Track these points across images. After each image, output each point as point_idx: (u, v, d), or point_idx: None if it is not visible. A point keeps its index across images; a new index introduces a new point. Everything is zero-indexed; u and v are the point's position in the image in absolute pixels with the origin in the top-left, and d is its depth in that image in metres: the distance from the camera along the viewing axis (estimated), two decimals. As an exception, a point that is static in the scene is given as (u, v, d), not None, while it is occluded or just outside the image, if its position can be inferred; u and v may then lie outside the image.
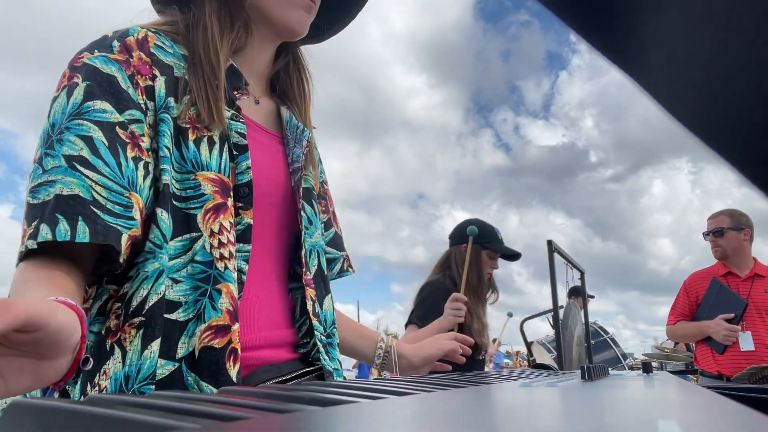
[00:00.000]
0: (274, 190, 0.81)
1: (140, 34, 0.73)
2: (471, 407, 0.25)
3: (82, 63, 0.67)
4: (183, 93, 0.72)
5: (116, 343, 0.63)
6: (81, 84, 0.65)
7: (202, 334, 0.65)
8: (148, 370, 0.62)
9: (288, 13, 0.81)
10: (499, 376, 0.68)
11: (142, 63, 0.70)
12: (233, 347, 0.66)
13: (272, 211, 0.81)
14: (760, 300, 2.70)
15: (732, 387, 0.59)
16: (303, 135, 0.86)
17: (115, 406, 0.23)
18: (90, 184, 0.61)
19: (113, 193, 0.63)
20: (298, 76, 0.92)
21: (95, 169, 0.62)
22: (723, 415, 0.24)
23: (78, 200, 0.60)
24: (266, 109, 0.88)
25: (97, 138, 0.63)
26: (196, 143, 0.71)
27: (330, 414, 0.21)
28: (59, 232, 0.58)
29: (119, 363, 0.62)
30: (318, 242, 0.89)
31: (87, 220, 0.60)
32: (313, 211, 0.88)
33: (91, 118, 0.64)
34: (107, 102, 0.66)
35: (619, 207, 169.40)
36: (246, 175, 0.74)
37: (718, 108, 0.18)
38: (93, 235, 0.59)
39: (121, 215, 0.63)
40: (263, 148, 0.81)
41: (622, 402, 0.31)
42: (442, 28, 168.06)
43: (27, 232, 0.60)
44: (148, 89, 0.70)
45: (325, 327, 0.85)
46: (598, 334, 4.51)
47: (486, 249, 2.27)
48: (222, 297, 0.67)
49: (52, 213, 0.59)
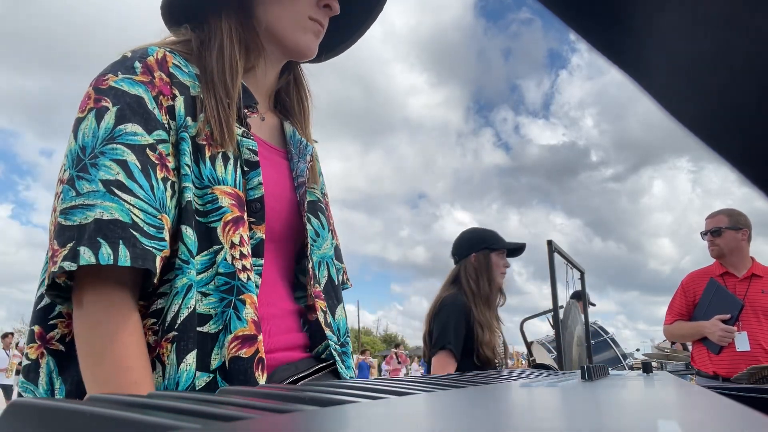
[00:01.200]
0: (281, 204, 0.83)
1: (159, 54, 0.74)
2: (471, 407, 0.25)
3: (108, 86, 0.69)
4: (199, 111, 0.74)
5: (156, 358, 0.65)
6: (112, 108, 0.67)
7: (230, 345, 0.66)
8: (187, 382, 0.64)
9: (298, 36, 0.82)
10: (499, 376, 0.68)
11: (164, 83, 0.72)
12: (260, 357, 0.68)
13: (280, 226, 0.83)
14: (756, 300, 2.70)
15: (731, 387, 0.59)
16: (306, 150, 0.89)
17: (115, 406, 0.23)
18: (128, 207, 0.63)
19: (149, 216, 0.65)
20: (298, 94, 0.95)
21: (132, 193, 0.64)
22: (723, 415, 0.24)
23: (119, 224, 0.62)
24: (271, 125, 0.90)
25: (131, 162, 0.65)
26: (212, 160, 0.72)
27: (330, 414, 0.21)
28: (102, 256, 0.60)
29: (160, 377, 0.64)
30: (327, 253, 0.91)
31: (127, 243, 0.62)
32: (320, 223, 0.90)
33: (124, 142, 0.66)
34: (138, 125, 0.67)
35: (619, 207, 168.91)
36: (258, 191, 0.76)
37: (717, 108, 0.18)
38: (133, 259, 0.62)
39: (154, 237, 0.65)
40: (271, 164, 0.84)
41: (622, 402, 0.31)
42: (442, 26, 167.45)
43: (60, 252, 0.61)
44: (170, 109, 0.71)
45: (339, 336, 0.87)
46: (598, 334, 4.51)
47: (494, 251, 2.26)
48: (246, 307, 0.68)
49: (94, 237, 0.61)
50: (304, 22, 0.81)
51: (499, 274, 2.26)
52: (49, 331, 0.68)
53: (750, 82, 0.17)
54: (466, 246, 2.30)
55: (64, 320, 0.69)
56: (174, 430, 0.19)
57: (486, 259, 2.24)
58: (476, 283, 2.20)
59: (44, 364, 0.67)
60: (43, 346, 0.68)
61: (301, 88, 0.95)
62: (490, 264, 2.23)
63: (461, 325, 2.12)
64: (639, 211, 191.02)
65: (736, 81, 0.17)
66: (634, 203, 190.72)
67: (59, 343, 0.68)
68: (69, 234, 0.62)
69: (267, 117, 0.89)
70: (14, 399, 0.26)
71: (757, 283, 2.73)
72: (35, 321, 0.69)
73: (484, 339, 2.10)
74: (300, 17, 0.81)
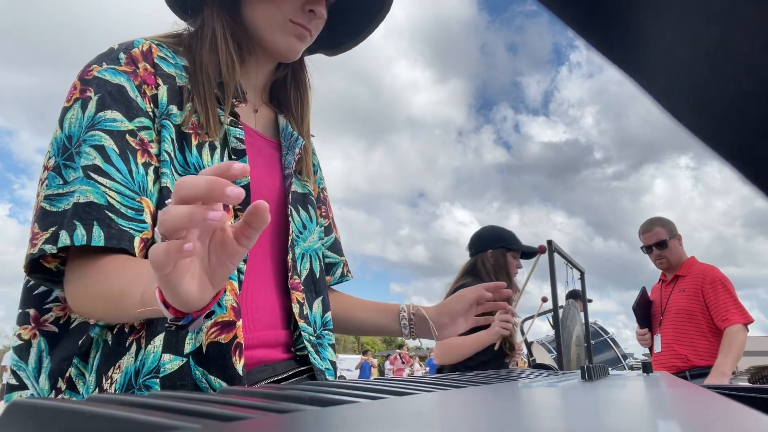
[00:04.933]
0: (269, 194, 0.84)
1: (144, 46, 0.76)
2: (471, 407, 0.25)
3: (92, 76, 0.71)
4: (186, 101, 0.75)
5: (136, 340, 0.66)
6: (93, 97, 0.69)
7: (208, 330, 0.67)
8: (152, 364, 0.64)
9: (277, 37, 0.82)
10: (499, 376, 0.68)
11: (148, 73, 0.74)
12: (238, 342, 0.68)
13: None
14: (674, 301, 2.73)
15: (732, 387, 0.59)
16: (296, 143, 0.89)
17: (115, 406, 0.23)
18: (104, 190, 0.65)
19: (126, 198, 0.66)
20: (296, 88, 0.95)
21: (108, 176, 0.66)
22: (723, 415, 0.24)
23: (93, 206, 0.64)
24: (265, 117, 0.91)
25: (109, 146, 0.67)
26: (198, 148, 0.74)
27: (330, 414, 0.21)
28: (76, 237, 0.62)
29: (132, 358, 0.65)
30: (312, 246, 0.91)
31: (101, 224, 0.64)
32: (308, 216, 0.91)
33: (103, 128, 0.68)
34: (117, 111, 0.69)
35: (620, 205, 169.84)
36: (243, 179, 0.76)
37: (717, 107, 0.18)
38: (107, 239, 0.63)
39: (133, 218, 0.66)
40: (260, 154, 0.84)
41: (622, 402, 0.31)
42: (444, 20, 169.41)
43: (41, 235, 0.64)
44: (153, 98, 0.73)
45: (315, 328, 0.87)
46: (598, 334, 4.50)
47: (510, 251, 2.35)
48: (226, 294, 0.69)
49: (71, 220, 0.63)
50: (284, 25, 0.81)
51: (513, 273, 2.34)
52: (43, 314, 0.71)
53: (749, 82, 0.17)
54: (485, 242, 2.39)
55: (59, 304, 0.72)
56: (174, 430, 0.19)
57: (502, 257, 2.33)
58: (496, 276, 2.28)
59: (36, 344, 0.70)
60: (36, 328, 0.71)
61: (300, 83, 0.95)
62: (506, 262, 2.32)
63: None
64: (641, 209, 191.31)
65: (736, 80, 0.17)
66: (636, 202, 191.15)
67: (53, 324, 0.71)
68: (52, 219, 0.64)
69: (261, 110, 0.90)
70: (14, 399, 0.26)
71: (680, 282, 2.75)
72: (30, 304, 0.72)
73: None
74: (280, 20, 0.81)
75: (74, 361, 0.67)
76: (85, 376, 0.67)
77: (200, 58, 0.78)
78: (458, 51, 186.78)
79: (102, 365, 0.66)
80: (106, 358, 0.66)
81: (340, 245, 1.05)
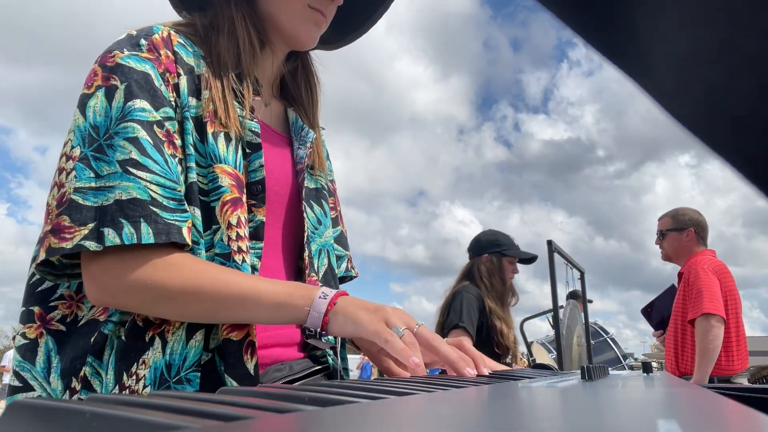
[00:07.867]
0: (283, 189, 0.83)
1: (164, 32, 0.75)
2: (471, 407, 0.25)
3: (115, 63, 0.69)
4: (203, 90, 0.74)
5: (158, 335, 0.65)
6: (120, 87, 0.67)
7: (223, 327, 0.67)
8: (194, 358, 0.65)
9: (297, 26, 0.82)
10: (499, 376, 0.68)
11: (169, 61, 0.73)
12: (251, 340, 0.68)
13: (281, 211, 0.83)
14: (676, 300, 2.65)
15: (732, 387, 0.59)
16: (307, 137, 0.89)
17: (115, 406, 0.23)
18: (145, 185, 0.64)
19: (167, 189, 0.66)
20: (306, 81, 0.95)
21: (147, 169, 0.65)
22: (723, 415, 0.24)
23: (137, 203, 0.63)
24: (275, 110, 0.90)
25: (143, 138, 0.66)
26: (214, 137, 0.73)
27: (330, 414, 0.21)
28: (125, 236, 0.62)
29: (159, 353, 0.64)
30: (328, 242, 0.91)
31: (148, 220, 0.63)
32: (323, 211, 0.90)
33: (134, 118, 0.66)
34: (145, 101, 0.68)
35: (621, 204, 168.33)
36: (259, 173, 0.76)
37: (717, 107, 0.18)
38: (156, 235, 0.63)
39: (176, 209, 0.66)
40: (274, 148, 0.84)
41: (622, 402, 0.31)
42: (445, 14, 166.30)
43: (77, 230, 0.62)
44: (175, 87, 0.72)
45: None
46: (598, 334, 4.50)
47: (506, 256, 2.39)
48: None
49: (116, 218, 0.62)
50: (303, 11, 0.81)
51: (508, 277, 2.39)
52: (49, 312, 0.70)
53: (749, 82, 0.17)
54: (482, 246, 2.45)
55: (65, 302, 0.71)
56: (174, 430, 0.19)
57: (498, 261, 2.39)
58: (489, 280, 2.34)
59: (43, 343, 0.69)
60: (42, 326, 0.69)
61: (310, 75, 0.95)
62: (501, 267, 2.38)
63: (473, 309, 2.24)
64: (641, 209, 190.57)
65: (736, 80, 0.17)
66: (637, 201, 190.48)
67: (59, 323, 0.70)
68: (88, 214, 0.62)
69: (272, 103, 0.90)
70: (14, 399, 0.26)
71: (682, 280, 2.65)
72: (34, 302, 0.70)
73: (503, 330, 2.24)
74: (299, 7, 0.81)
75: (88, 360, 0.66)
76: (101, 374, 0.66)
77: (218, 48, 0.77)
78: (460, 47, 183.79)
79: (119, 362, 0.64)
80: (123, 355, 0.65)
81: (346, 239, 1.05)
